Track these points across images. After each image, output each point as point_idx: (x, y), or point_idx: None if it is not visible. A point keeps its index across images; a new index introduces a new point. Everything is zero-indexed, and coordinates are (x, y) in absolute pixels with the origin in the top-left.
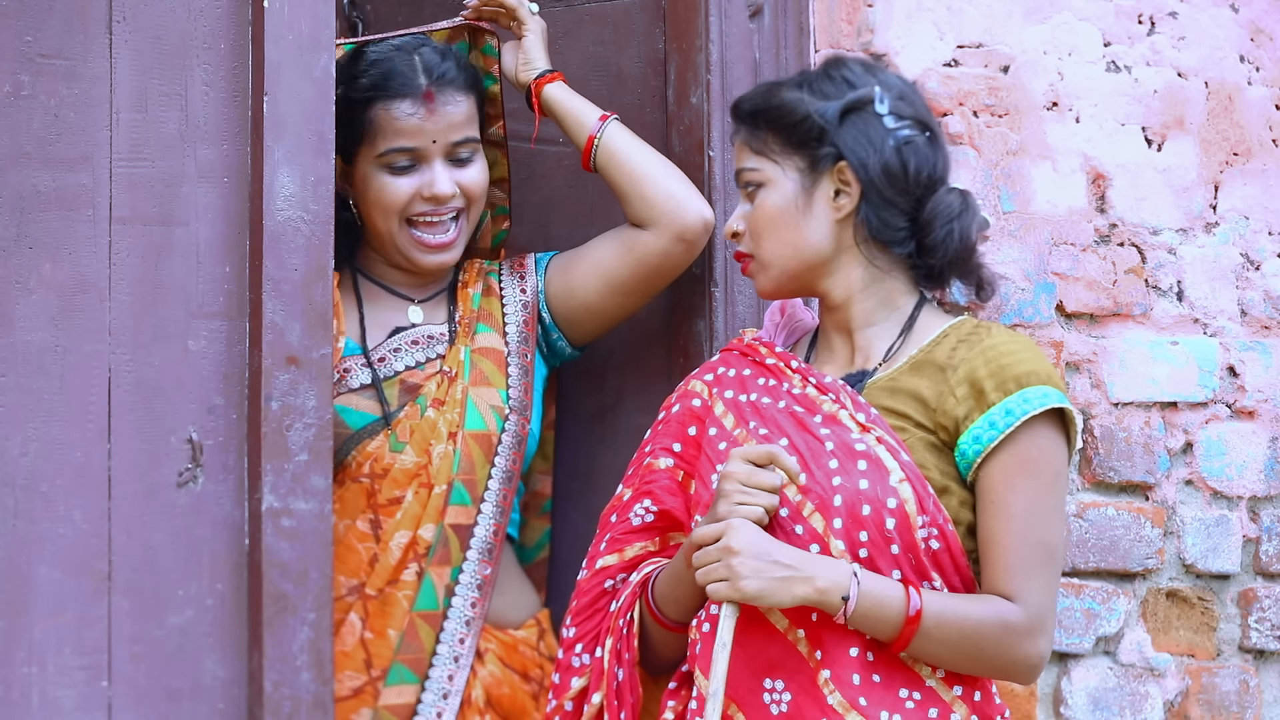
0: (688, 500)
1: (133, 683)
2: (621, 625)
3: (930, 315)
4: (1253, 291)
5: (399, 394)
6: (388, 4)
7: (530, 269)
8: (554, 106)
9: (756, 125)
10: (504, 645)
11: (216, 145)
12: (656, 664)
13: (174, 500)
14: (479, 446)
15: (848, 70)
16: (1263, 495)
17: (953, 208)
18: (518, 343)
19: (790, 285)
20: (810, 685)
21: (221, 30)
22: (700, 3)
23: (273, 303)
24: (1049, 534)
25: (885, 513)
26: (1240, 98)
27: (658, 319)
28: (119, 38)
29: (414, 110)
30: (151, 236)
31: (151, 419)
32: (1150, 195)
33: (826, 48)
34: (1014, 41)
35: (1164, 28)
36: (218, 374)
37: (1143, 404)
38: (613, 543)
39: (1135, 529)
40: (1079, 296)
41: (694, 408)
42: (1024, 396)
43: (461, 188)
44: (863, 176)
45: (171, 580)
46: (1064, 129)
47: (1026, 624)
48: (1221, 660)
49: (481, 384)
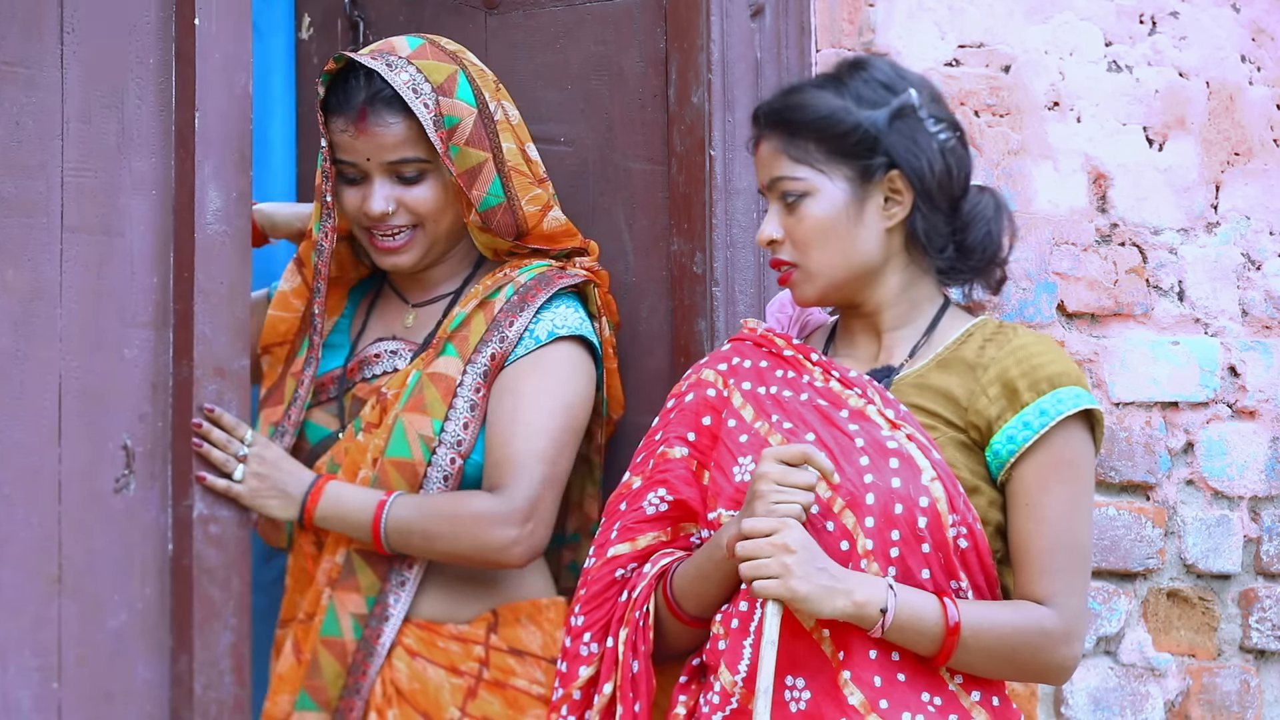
0: (703, 491)
1: (78, 685)
2: (638, 617)
3: (954, 315)
4: (1254, 291)
5: (350, 410)
6: (389, 4)
7: (536, 304)
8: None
9: (795, 133)
10: (422, 641)
11: (147, 158)
12: (664, 655)
13: (112, 505)
14: (400, 475)
15: (879, 72)
16: (1263, 495)
17: (988, 209)
18: (479, 374)
19: (834, 295)
20: (831, 685)
21: (151, 45)
22: (701, 2)
23: (203, 314)
24: (1081, 536)
25: (918, 511)
26: (1241, 97)
27: (659, 319)
28: (69, 48)
29: (345, 128)
30: (95, 246)
31: (94, 425)
32: (1151, 195)
33: (827, 47)
34: (1015, 41)
35: (1165, 27)
36: (147, 383)
37: (1144, 404)
38: (624, 531)
39: (1136, 529)
40: (1080, 296)
41: (709, 397)
42: (1058, 397)
43: (405, 205)
44: (916, 184)
45: (110, 584)
46: (1065, 129)
47: (1063, 629)
48: (1222, 660)
49: (417, 411)
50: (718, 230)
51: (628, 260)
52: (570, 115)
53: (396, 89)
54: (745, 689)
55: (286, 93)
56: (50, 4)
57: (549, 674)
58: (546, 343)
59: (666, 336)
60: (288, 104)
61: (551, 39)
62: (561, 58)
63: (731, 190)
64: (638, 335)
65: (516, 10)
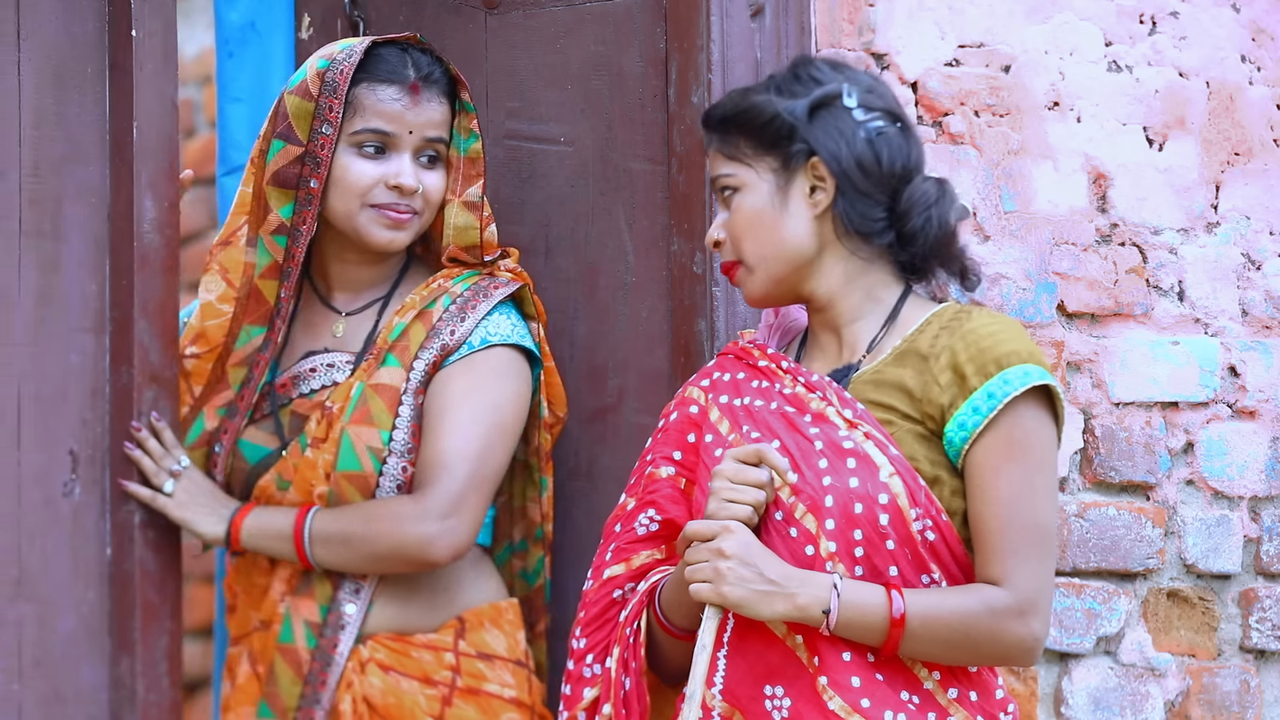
0: (690, 508)
1: (35, 686)
2: (629, 634)
3: (915, 305)
4: (1254, 291)
5: (289, 426)
6: (389, 4)
7: (479, 314)
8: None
9: (728, 131)
10: (393, 653)
11: (87, 166)
12: (668, 672)
13: (61, 510)
14: (354, 487)
15: (814, 69)
16: (1264, 495)
17: (929, 195)
18: (419, 381)
19: (778, 290)
20: (810, 692)
21: (90, 55)
22: (701, 2)
23: (142, 321)
24: (1038, 514)
25: (878, 509)
26: (1241, 97)
27: (659, 319)
28: (24, 55)
29: (398, 97)
30: (46, 251)
31: (47, 430)
32: (1151, 195)
33: (827, 47)
34: (1015, 41)
35: (1165, 27)
36: (88, 388)
37: (1144, 404)
38: (619, 552)
39: (1136, 529)
40: (1080, 296)
41: (692, 414)
42: (1004, 378)
43: (422, 189)
44: (836, 170)
45: (61, 588)
46: (1065, 129)
47: (1015, 606)
48: (1222, 660)
49: (363, 423)
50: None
51: (628, 260)
52: (570, 115)
53: (446, 75)
54: (724, 701)
55: None
56: (8, 11)
57: (516, 675)
58: (479, 349)
59: (666, 336)
60: None
61: (551, 39)
62: (561, 58)
63: None
64: (638, 335)
65: (516, 10)
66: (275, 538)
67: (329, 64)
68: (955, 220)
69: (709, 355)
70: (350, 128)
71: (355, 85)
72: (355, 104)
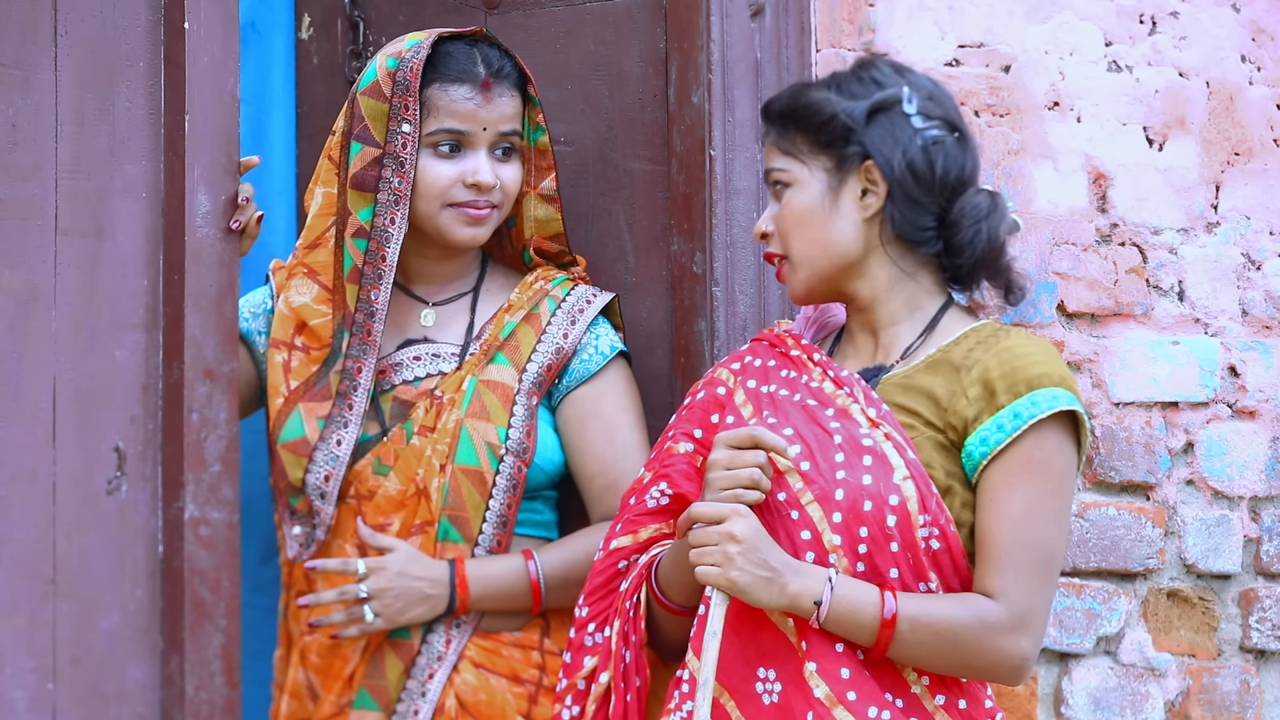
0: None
1: (72, 685)
2: (628, 607)
3: (954, 317)
4: (1254, 291)
5: (389, 412)
6: (389, 4)
7: (588, 318)
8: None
9: (785, 126)
10: (484, 651)
11: (137, 161)
12: (667, 647)
13: (104, 507)
14: (470, 483)
15: (877, 71)
16: (1263, 495)
17: (980, 208)
18: (532, 383)
19: (821, 288)
20: (797, 676)
21: (140, 49)
22: (701, 2)
23: (193, 317)
24: (1046, 537)
25: (887, 510)
26: (1241, 97)
27: (659, 318)
28: (63, 51)
29: (471, 95)
30: (88, 248)
31: (88, 427)
32: (1151, 195)
33: (827, 47)
34: (1015, 41)
35: (1165, 27)
36: (138, 385)
37: (1144, 404)
38: (628, 524)
39: (1136, 529)
40: (1080, 296)
41: (718, 395)
42: (1033, 399)
43: (500, 183)
44: (889, 175)
45: (103, 585)
46: (1065, 129)
47: (1007, 621)
48: (1222, 660)
49: (479, 417)
50: (718, 230)
51: (628, 260)
52: (570, 115)
53: (516, 68)
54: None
55: (286, 93)
56: (45, 6)
57: None
58: (610, 358)
59: (666, 336)
60: (287, 104)
61: (551, 39)
62: (561, 58)
63: (731, 190)
64: (638, 335)
65: (516, 10)
66: (508, 596)
67: (398, 63)
68: (1005, 234)
69: (709, 355)
70: (425, 129)
71: (427, 86)
72: (428, 105)
